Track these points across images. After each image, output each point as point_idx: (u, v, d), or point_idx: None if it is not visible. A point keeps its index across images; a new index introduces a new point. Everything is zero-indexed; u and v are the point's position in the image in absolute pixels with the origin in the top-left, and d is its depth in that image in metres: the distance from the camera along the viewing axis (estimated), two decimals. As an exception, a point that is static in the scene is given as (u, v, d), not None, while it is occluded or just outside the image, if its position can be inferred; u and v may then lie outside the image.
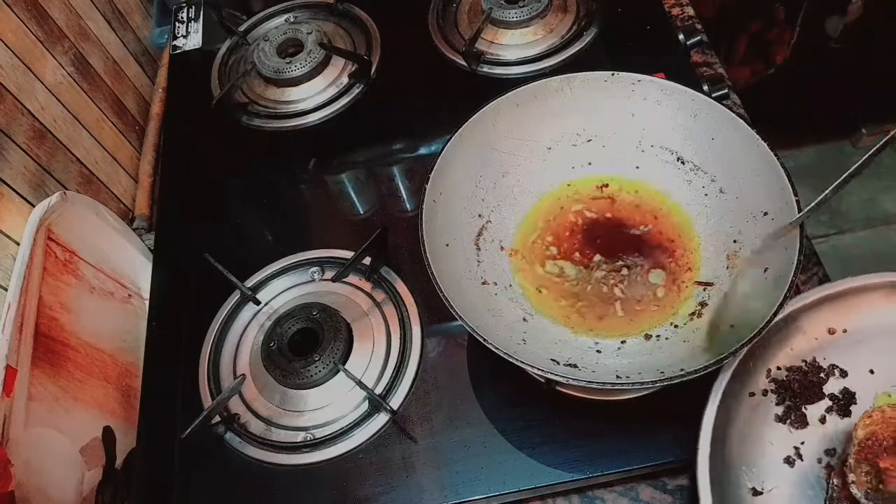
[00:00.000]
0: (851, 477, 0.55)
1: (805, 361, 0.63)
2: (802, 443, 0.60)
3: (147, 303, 0.83)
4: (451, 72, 0.93)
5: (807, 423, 0.61)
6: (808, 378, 0.62)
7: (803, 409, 0.61)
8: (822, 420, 0.61)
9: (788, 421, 0.61)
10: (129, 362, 0.81)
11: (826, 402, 0.62)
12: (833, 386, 0.62)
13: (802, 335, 0.63)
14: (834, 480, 0.58)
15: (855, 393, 0.62)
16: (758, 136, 0.62)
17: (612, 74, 0.67)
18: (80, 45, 0.91)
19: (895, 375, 0.62)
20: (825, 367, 0.63)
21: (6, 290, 0.67)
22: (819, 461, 0.60)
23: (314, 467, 0.67)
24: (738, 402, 0.61)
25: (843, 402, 0.62)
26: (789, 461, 0.60)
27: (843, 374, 0.63)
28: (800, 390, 0.62)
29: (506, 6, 0.93)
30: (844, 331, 0.64)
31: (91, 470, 0.70)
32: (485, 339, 0.55)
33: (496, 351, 0.54)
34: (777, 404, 0.62)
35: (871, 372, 0.63)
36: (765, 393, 0.62)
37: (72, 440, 0.69)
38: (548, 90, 0.69)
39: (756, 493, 0.58)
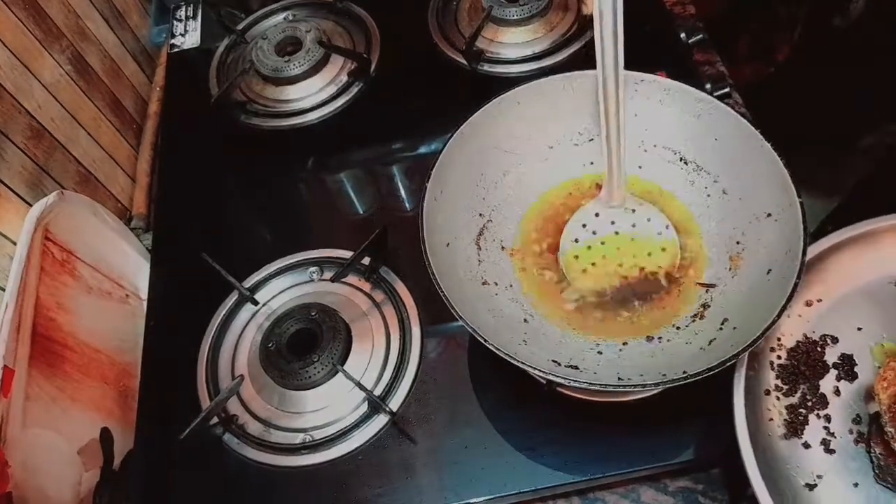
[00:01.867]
0: None
1: (799, 342, 0.64)
2: (830, 421, 0.60)
3: (145, 303, 0.82)
4: (451, 70, 0.93)
5: (827, 402, 0.61)
6: (810, 357, 0.63)
7: (820, 389, 0.62)
8: (837, 392, 0.62)
9: (811, 405, 0.61)
10: (127, 363, 0.81)
11: (833, 373, 0.62)
12: (831, 355, 0.63)
13: (787, 318, 0.64)
14: (876, 450, 0.58)
15: (852, 354, 0.63)
16: (761, 137, 0.61)
17: (614, 73, 0.67)
18: (78, 44, 0.90)
19: (880, 325, 0.64)
20: (818, 339, 0.64)
21: (3, 290, 0.67)
22: (851, 432, 0.60)
23: (313, 469, 0.67)
24: (759, 402, 0.61)
25: (847, 367, 0.62)
26: (826, 444, 0.59)
27: (835, 340, 0.64)
28: (808, 371, 0.62)
29: (506, 4, 0.93)
30: (819, 300, 0.65)
31: (89, 471, 0.70)
32: (485, 340, 0.55)
33: (497, 351, 0.54)
34: (793, 393, 0.62)
35: (859, 329, 0.64)
36: (777, 387, 0.62)
37: (69, 441, 0.69)
38: (550, 89, 0.69)
39: (811, 487, 0.58)
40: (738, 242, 0.64)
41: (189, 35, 1.05)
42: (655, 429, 0.64)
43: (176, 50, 1.04)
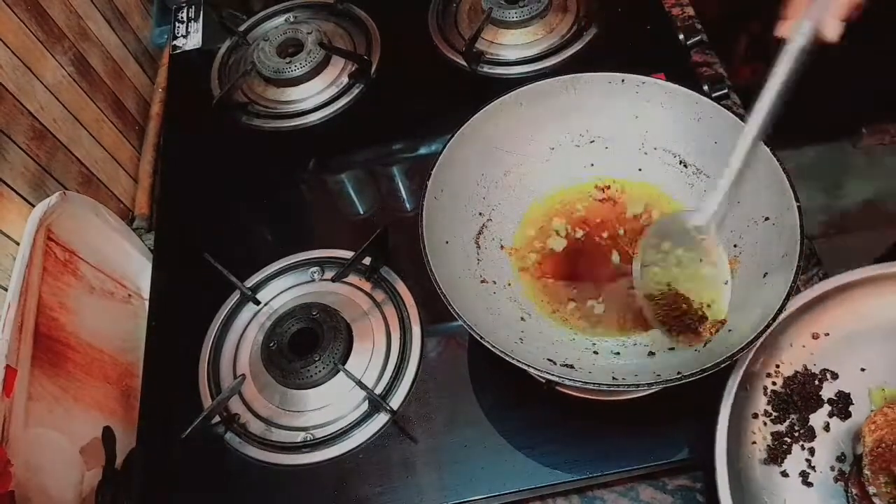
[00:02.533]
0: (872, 490, 0.54)
1: (797, 372, 0.63)
2: (813, 454, 0.60)
3: (147, 303, 0.83)
4: (451, 72, 0.94)
5: (815, 435, 0.60)
6: (805, 388, 0.62)
7: (809, 422, 0.61)
8: (826, 427, 0.61)
9: (797, 435, 0.61)
10: (129, 362, 0.81)
11: (826, 409, 0.62)
12: (828, 390, 0.62)
13: (789, 347, 0.64)
14: (853, 490, 0.57)
15: (850, 393, 0.62)
16: (761, 141, 0.61)
17: (617, 76, 0.67)
18: (80, 45, 0.91)
19: (884, 370, 0.63)
20: (817, 373, 0.63)
21: (6, 290, 0.67)
22: (832, 469, 0.59)
23: (314, 467, 0.67)
24: (745, 423, 0.60)
25: (841, 405, 0.62)
26: (804, 476, 0.59)
27: (835, 376, 0.63)
28: (801, 403, 0.61)
29: (506, 6, 0.93)
30: (827, 334, 0.64)
31: (91, 470, 0.70)
32: (481, 337, 0.55)
33: (492, 348, 0.54)
34: (782, 421, 0.61)
35: (862, 370, 0.63)
36: (767, 413, 0.62)
37: (72, 440, 0.69)
38: (552, 90, 0.69)
39: None
40: (735, 245, 0.64)
41: (191, 36, 1.06)
42: (654, 428, 0.65)
43: (178, 51, 1.05)
